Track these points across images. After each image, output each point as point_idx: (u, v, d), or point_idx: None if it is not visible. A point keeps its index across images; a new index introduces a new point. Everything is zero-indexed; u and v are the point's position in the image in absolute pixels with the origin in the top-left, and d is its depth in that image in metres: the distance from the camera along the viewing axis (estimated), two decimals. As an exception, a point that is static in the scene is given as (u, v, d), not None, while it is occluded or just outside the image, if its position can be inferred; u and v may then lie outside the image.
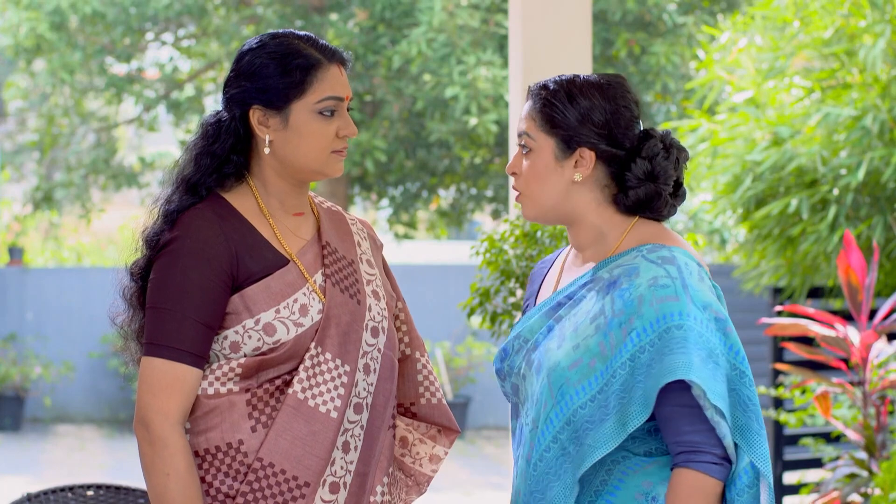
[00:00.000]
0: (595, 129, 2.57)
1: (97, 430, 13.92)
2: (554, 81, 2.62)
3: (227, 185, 2.67)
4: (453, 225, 17.40)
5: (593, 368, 2.49)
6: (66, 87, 15.48)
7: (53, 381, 14.13)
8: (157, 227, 2.64)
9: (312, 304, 2.61)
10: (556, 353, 2.53)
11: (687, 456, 2.47)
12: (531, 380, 2.58)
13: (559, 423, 2.50)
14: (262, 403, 2.59)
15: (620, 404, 2.46)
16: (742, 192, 7.77)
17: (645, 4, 14.29)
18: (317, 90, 2.62)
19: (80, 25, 15.06)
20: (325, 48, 2.65)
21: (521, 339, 2.64)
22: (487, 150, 15.42)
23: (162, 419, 2.53)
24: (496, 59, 13.88)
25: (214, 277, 2.56)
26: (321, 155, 2.63)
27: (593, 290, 2.56)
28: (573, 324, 2.55)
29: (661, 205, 2.60)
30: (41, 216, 17.83)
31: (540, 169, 2.59)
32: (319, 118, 2.62)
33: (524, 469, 2.57)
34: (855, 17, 7.58)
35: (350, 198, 16.57)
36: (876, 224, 7.39)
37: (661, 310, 2.45)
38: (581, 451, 2.48)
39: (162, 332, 2.56)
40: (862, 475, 5.42)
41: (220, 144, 2.65)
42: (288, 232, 2.67)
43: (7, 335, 14.24)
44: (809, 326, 5.44)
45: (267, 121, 2.63)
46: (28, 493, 3.32)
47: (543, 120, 2.59)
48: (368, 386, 2.66)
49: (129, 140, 21.54)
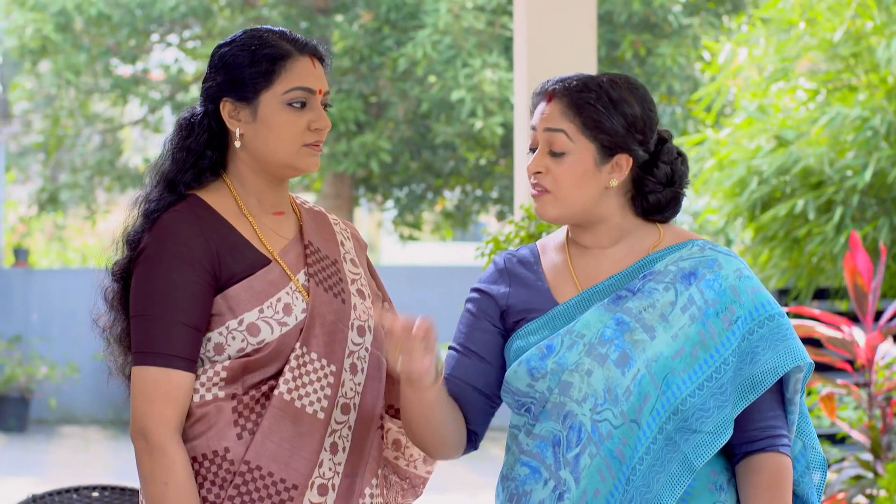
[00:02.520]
0: (637, 135, 2.57)
1: (102, 431, 13.93)
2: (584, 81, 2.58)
3: (205, 182, 2.62)
4: (458, 226, 17.40)
5: (696, 357, 2.50)
6: (71, 89, 15.49)
7: (58, 383, 14.14)
8: (138, 227, 2.60)
9: (296, 304, 2.57)
10: (653, 344, 2.51)
11: (771, 441, 2.53)
12: (603, 374, 2.51)
13: (665, 414, 2.48)
14: (248, 410, 2.54)
15: (737, 391, 2.50)
16: (748, 196, 7.77)
17: (650, 6, 14.29)
18: (284, 80, 2.57)
19: (85, 27, 15.08)
20: (297, 40, 2.61)
21: (573, 335, 2.56)
22: (493, 152, 15.42)
23: (161, 428, 2.50)
24: (502, 61, 13.87)
25: (198, 279, 2.52)
26: (291, 147, 2.58)
27: (663, 282, 2.55)
28: (658, 314, 2.53)
29: (677, 209, 2.63)
30: (46, 218, 17.85)
31: (577, 173, 2.56)
32: (288, 109, 2.57)
33: (601, 465, 2.49)
34: (862, 19, 7.57)
35: (355, 199, 16.57)
36: (882, 226, 7.39)
37: (758, 299, 2.54)
38: (687, 439, 2.48)
39: (151, 340, 2.52)
40: (867, 477, 5.42)
41: (194, 139, 2.61)
42: (269, 231, 2.63)
43: (12, 336, 14.25)
44: (815, 328, 5.43)
45: (238, 114, 2.59)
46: (33, 495, 3.30)
47: (585, 124, 2.56)
48: (356, 386, 2.62)
49: (134, 141, 21.57)
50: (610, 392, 2.51)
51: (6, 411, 13.75)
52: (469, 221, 17.11)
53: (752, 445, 2.53)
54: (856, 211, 7.53)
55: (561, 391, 2.54)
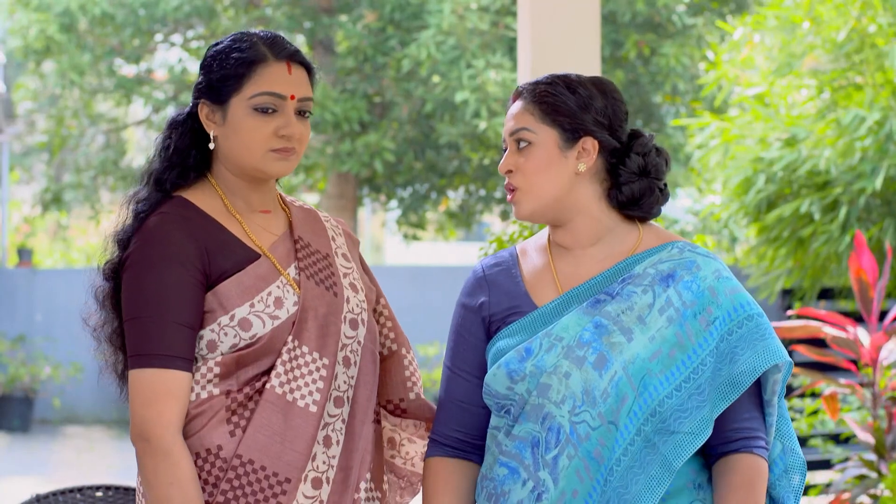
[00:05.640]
0: (597, 116, 2.59)
1: (106, 430, 13.94)
2: (546, 77, 2.64)
3: (190, 182, 2.64)
4: (462, 226, 17.40)
5: (674, 358, 2.51)
6: (75, 89, 15.50)
7: (62, 383, 14.15)
8: (127, 227, 2.62)
9: (287, 297, 2.59)
10: (630, 346, 2.52)
11: (746, 442, 2.52)
12: (581, 376, 2.53)
13: (643, 416, 2.49)
14: (242, 408, 2.55)
15: (715, 392, 2.50)
16: (754, 194, 7.76)
17: (654, 6, 14.28)
18: (253, 85, 2.58)
19: (89, 27, 15.09)
20: (277, 46, 2.61)
21: (552, 338, 2.58)
22: (496, 152, 15.43)
23: (162, 429, 2.50)
24: (505, 62, 13.87)
25: (189, 278, 2.53)
26: (257, 153, 2.58)
27: (641, 285, 2.56)
28: (635, 317, 2.54)
29: (652, 201, 2.62)
30: (50, 217, 17.87)
31: (542, 161, 2.58)
32: (254, 114, 2.58)
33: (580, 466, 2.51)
34: (867, 18, 7.56)
35: (359, 199, 16.58)
36: (888, 226, 7.38)
37: (736, 300, 2.54)
38: (665, 440, 2.49)
39: (147, 341, 2.52)
40: (871, 476, 5.41)
41: (179, 138, 2.65)
42: (258, 228, 2.65)
43: (16, 336, 14.26)
44: (820, 328, 5.43)
45: (213, 116, 2.62)
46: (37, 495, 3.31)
47: (543, 111, 2.59)
48: (349, 379, 2.64)
49: (138, 141, 21.57)
50: (588, 394, 2.52)
51: (10, 411, 13.76)
52: (472, 221, 17.11)
53: (728, 446, 2.54)
54: (862, 211, 7.53)
55: (539, 393, 2.56)
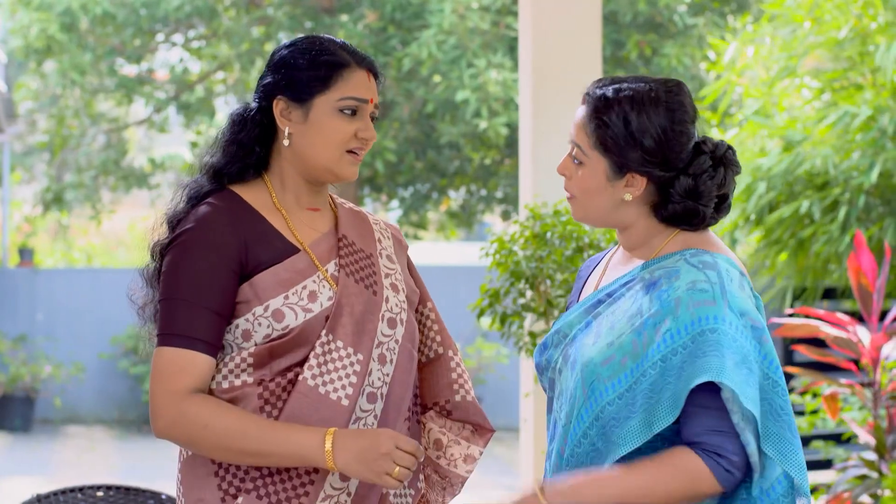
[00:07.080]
0: (646, 155, 2.54)
1: (107, 430, 13.94)
2: (613, 93, 2.57)
3: (247, 179, 2.73)
4: (463, 226, 17.40)
5: (624, 366, 2.50)
6: (76, 89, 15.50)
7: (63, 382, 14.15)
8: (179, 210, 2.71)
9: (322, 291, 2.64)
10: (591, 349, 2.55)
11: (702, 447, 2.45)
12: (566, 375, 2.60)
13: (589, 419, 2.52)
14: (275, 398, 2.60)
15: (648, 404, 2.46)
16: (756, 200, 7.76)
17: (656, 6, 14.28)
18: (340, 88, 2.67)
19: (90, 26, 15.08)
20: (357, 53, 2.72)
21: (559, 334, 2.66)
22: (497, 152, 15.42)
23: (167, 400, 2.55)
24: (507, 61, 13.87)
25: (222, 265, 2.60)
26: (335, 153, 2.67)
27: (633, 290, 2.58)
28: (610, 321, 2.57)
29: (698, 221, 2.60)
30: (51, 217, 17.87)
31: (591, 184, 2.59)
32: (339, 116, 2.67)
33: (556, 463, 2.60)
34: (868, 18, 7.56)
35: (360, 199, 16.57)
36: (888, 226, 7.38)
37: (697, 313, 2.45)
38: (608, 447, 2.50)
39: (173, 322, 2.59)
40: (872, 476, 5.42)
41: (245, 133, 2.72)
42: (302, 224, 2.72)
43: (17, 336, 14.27)
44: (820, 327, 5.43)
45: (289, 113, 2.69)
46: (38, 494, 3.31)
47: (597, 140, 2.57)
48: (384, 376, 2.68)
49: (139, 141, 21.56)
50: (567, 392, 2.60)
51: (11, 411, 13.76)
52: (474, 221, 17.11)
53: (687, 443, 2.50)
54: (861, 211, 7.53)
55: (549, 386, 2.70)
